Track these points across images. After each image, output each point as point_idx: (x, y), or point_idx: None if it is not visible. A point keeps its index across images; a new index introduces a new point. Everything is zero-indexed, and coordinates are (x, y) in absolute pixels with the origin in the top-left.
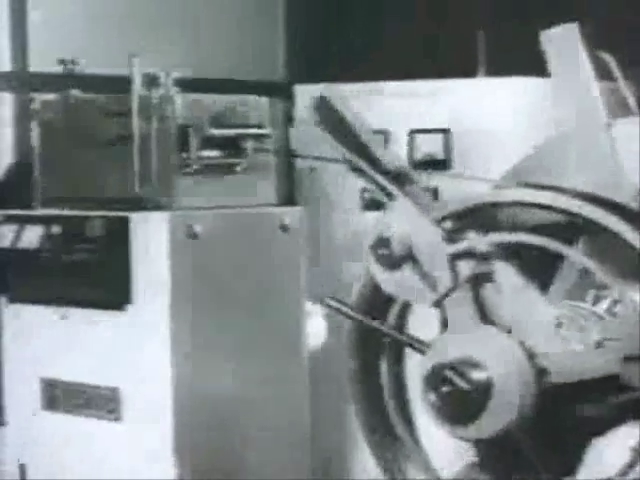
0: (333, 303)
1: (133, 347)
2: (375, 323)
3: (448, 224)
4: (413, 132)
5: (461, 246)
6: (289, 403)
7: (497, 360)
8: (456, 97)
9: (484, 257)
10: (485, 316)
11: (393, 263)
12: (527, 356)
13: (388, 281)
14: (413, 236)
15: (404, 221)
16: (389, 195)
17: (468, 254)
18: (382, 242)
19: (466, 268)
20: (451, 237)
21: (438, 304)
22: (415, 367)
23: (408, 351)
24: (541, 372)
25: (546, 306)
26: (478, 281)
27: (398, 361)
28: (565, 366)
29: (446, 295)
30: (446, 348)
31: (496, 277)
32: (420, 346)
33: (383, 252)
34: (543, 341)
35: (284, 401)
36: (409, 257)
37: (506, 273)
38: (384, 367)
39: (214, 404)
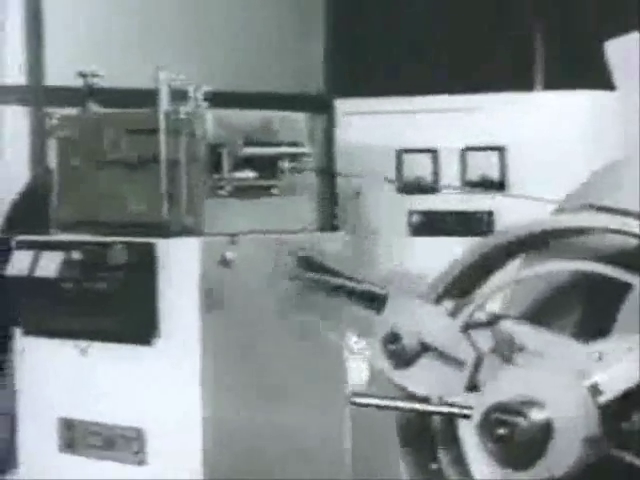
0: (360, 400)
1: (159, 385)
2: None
3: (448, 302)
4: (465, 150)
5: (465, 316)
6: (327, 450)
7: (557, 398)
8: (513, 112)
9: (497, 321)
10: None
11: (407, 358)
12: (590, 392)
13: (405, 378)
14: (420, 324)
15: (407, 313)
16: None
17: (481, 323)
18: (392, 337)
19: (485, 336)
20: (455, 310)
21: (472, 382)
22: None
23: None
24: (604, 408)
25: (581, 344)
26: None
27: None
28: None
29: (476, 370)
30: (501, 388)
31: (518, 339)
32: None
33: (395, 347)
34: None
35: (322, 447)
36: (423, 348)
37: (527, 334)
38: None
39: (246, 448)
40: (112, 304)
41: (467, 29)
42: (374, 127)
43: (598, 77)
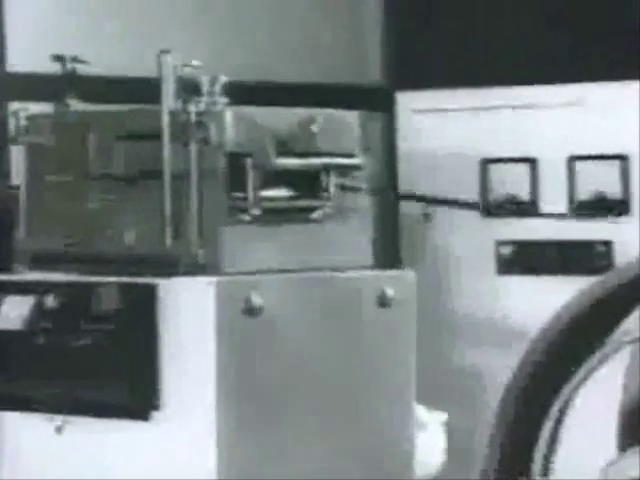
0: None
1: (161, 471)
2: None
3: None
4: (573, 159)
5: None
6: None
7: None
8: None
9: None
10: None
11: None
12: None
13: None
14: None
15: None
16: None
17: None
18: None
19: None
20: None
21: None
22: None
23: None
24: None
25: None
26: None
27: None
28: None
29: None
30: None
31: None
32: None
33: None
34: None
35: None
36: None
37: None
38: None
39: None
40: (98, 366)
41: (542, 13)
42: (450, 129)
43: None
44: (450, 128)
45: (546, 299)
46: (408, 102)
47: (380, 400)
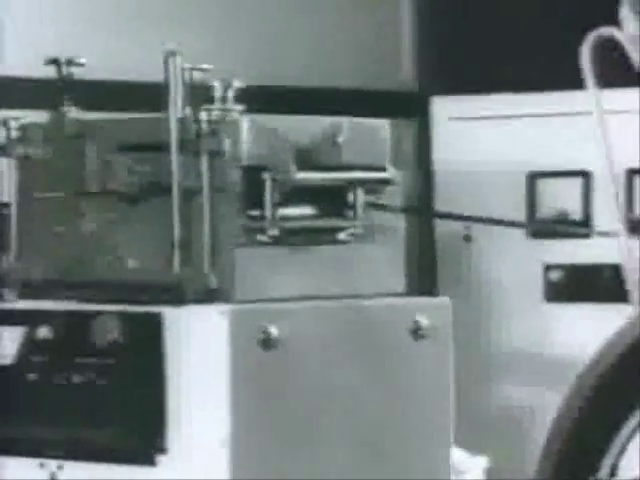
0: None
1: None
2: None
3: None
4: (634, 173)
5: None
6: None
7: None
8: None
9: None
10: None
11: None
12: None
13: None
14: None
15: None
16: None
17: None
18: None
19: None
20: None
21: None
22: None
23: None
24: None
25: None
26: None
27: None
28: None
29: None
30: None
31: None
32: None
33: None
34: None
35: None
36: None
37: None
38: None
39: None
40: (98, 405)
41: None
42: (492, 138)
43: None
44: (492, 137)
45: (600, 329)
46: (444, 108)
47: (413, 443)
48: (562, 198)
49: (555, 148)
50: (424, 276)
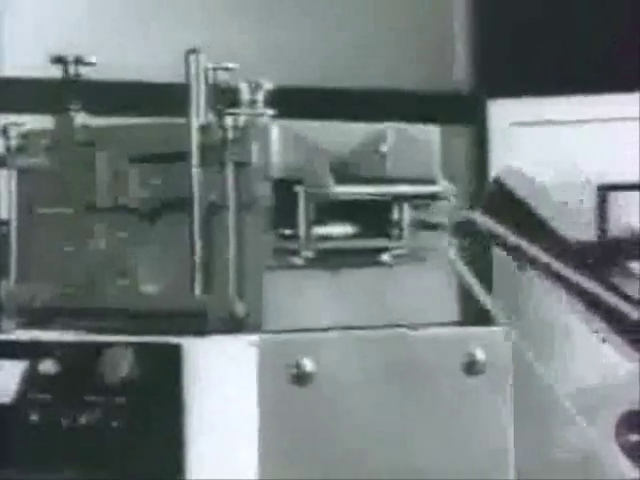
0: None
1: None
2: None
3: None
4: None
5: None
6: None
7: None
8: None
9: None
10: None
11: None
12: None
13: None
14: None
15: None
16: None
17: None
18: None
19: None
20: None
21: None
22: None
23: None
24: None
25: None
26: None
27: None
28: None
29: None
30: None
31: None
32: None
33: None
34: None
35: None
36: None
37: None
38: None
39: None
40: (109, 448)
41: None
42: (557, 146)
43: None
44: (558, 145)
45: None
46: (504, 113)
47: None
48: (638, 215)
49: (628, 158)
50: (479, 304)
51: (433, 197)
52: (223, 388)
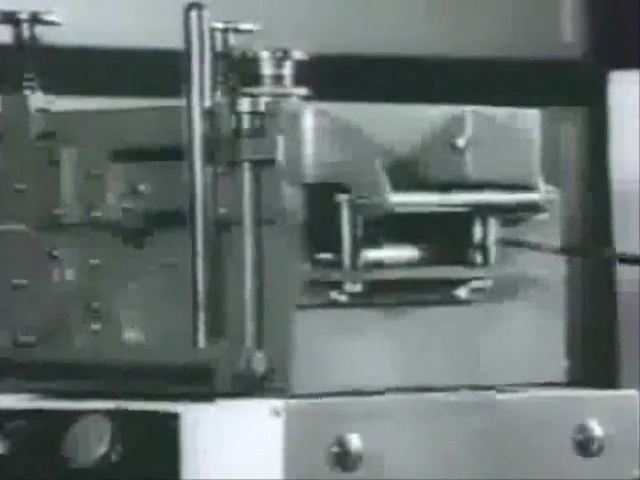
0: None
1: None
2: None
3: None
4: None
5: None
6: None
7: None
8: None
9: None
10: None
11: None
12: None
13: None
14: None
15: None
16: None
17: None
18: None
19: None
20: None
21: None
22: None
23: None
24: None
25: None
26: None
27: None
28: None
29: None
30: None
31: None
32: None
33: None
34: None
35: None
36: None
37: None
38: None
39: None
40: None
41: None
42: None
43: None
44: None
45: None
46: (629, 88)
47: None
48: None
49: None
50: (598, 357)
51: (530, 208)
52: (236, 473)
